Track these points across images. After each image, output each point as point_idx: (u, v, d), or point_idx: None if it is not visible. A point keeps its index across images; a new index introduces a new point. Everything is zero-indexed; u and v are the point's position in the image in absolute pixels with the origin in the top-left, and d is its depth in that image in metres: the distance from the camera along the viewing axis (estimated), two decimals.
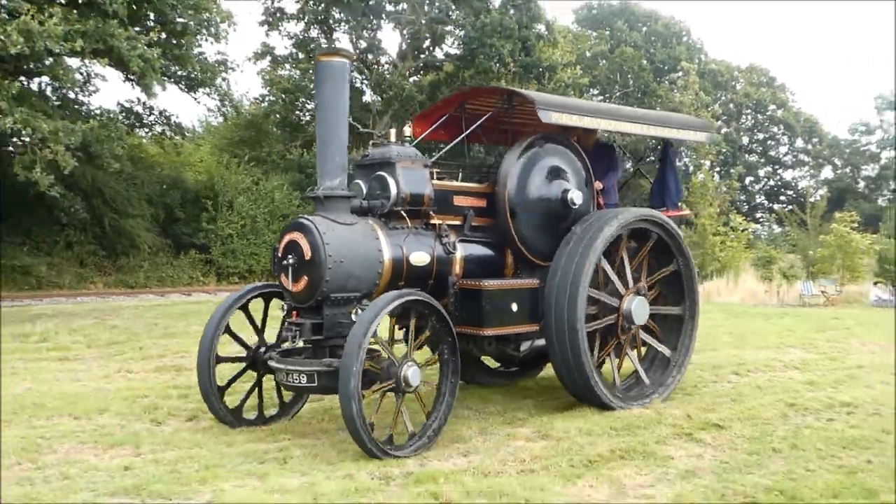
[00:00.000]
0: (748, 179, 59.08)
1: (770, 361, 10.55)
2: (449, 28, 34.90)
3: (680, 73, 47.21)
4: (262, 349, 7.03)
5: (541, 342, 7.53)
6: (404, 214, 6.87)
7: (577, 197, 7.49)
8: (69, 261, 24.59)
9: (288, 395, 7.33)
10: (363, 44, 35.39)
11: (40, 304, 19.05)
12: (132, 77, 20.86)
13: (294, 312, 6.52)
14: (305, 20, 34.05)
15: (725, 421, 6.94)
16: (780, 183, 61.54)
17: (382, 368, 6.02)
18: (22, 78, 18.87)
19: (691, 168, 47.94)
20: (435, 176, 7.24)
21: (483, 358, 8.71)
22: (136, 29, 19.54)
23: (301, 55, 34.23)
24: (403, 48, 35.69)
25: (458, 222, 7.33)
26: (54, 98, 21.81)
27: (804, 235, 32.00)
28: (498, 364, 9.26)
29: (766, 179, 61.77)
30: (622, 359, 7.94)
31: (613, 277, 7.59)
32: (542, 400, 8.06)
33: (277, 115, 34.07)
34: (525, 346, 7.58)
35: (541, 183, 7.49)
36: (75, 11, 17.36)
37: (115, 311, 16.53)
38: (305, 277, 6.29)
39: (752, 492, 4.99)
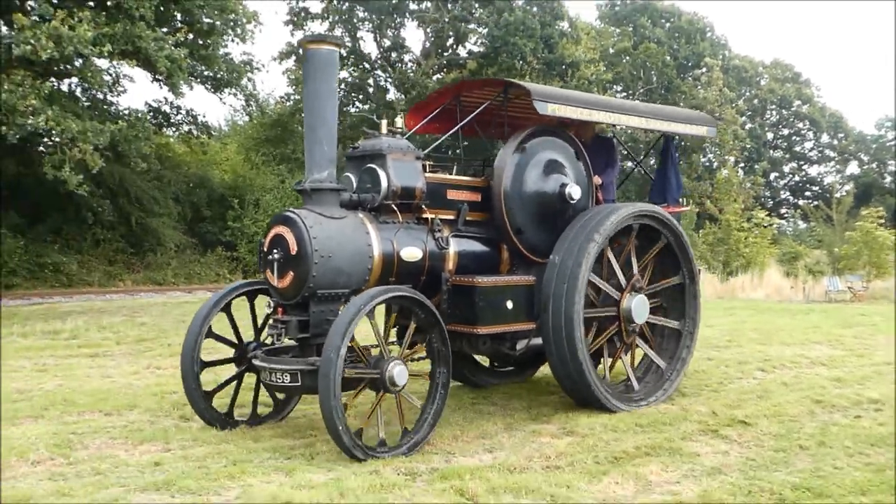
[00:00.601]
0: (773, 175, 58.53)
1: (796, 358, 10.45)
2: (472, 26, 34.87)
3: (704, 70, 46.83)
4: (252, 348, 6.73)
5: (537, 341, 7.21)
6: (395, 208, 6.56)
7: (575, 191, 7.18)
8: (98, 258, 24.87)
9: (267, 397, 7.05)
10: (387, 42, 35.47)
11: (70, 301, 19.27)
12: (160, 77, 21.05)
13: (280, 309, 6.25)
14: (330, 20, 34.21)
15: (751, 418, 6.88)
16: (805, 178, 60.91)
17: (368, 363, 5.83)
18: (52, 79, 19.10)
19: (715, 164, 47.73)
20: (428, 168, 6.97)
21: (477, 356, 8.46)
22: (164, 30, 19.71)
23: None
24: (427, 46, 35.72)
25: (451, 217, 7.02)
26: (84, 99, 22.06)
27: (830, 231, 31.70)
28: (494, 364, 8.95)
29: (791, 175, 61.17)
30: (616, 359, 7.71)
31: (617, 269, 7.35)
32: (566, 396, 8.01)
33: (303, 114, 34.20)
34: (521, 345, 7.25)
35: (537, 177, 7.19)
36: (104, 14, 17.54)
37: (144, 308, 16.70)
38: (291, 273, 6.02)
39: (779, 489, 4.93)
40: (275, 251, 6.06)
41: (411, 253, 6.55)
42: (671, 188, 8.70)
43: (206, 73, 22.98)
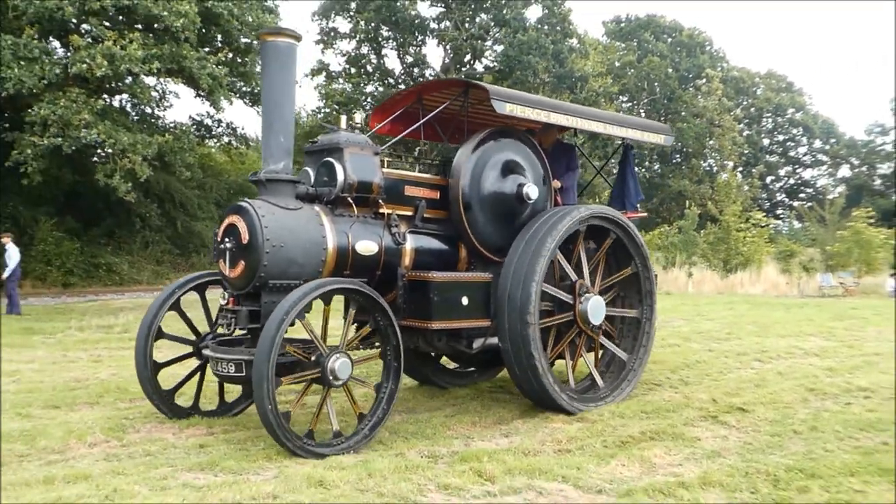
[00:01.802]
0: (769, 178, 58.13)
1: (791, 349, 10.38)
2: (488, 44, 34.88)
3: (704, 80, 46.58)
4: (207, 340, 6.38)
5: (494, 340, 6.71)
6: (351, 201, 6.08)
7: (532, 191, 6.73)
8: (147, 259, 25.14)
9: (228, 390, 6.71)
10: (409, 59, 35.53)
11: (122, 298, 19.49)
12: (202, 93, 21.27)
13: (231, 300, 5.83)
14: (357, 38, 34.32)
15: (749, 405, 6.85)
16: (799, 181, 60.46)
17: (310, 359, 5.42)
18: (104, 95, 19.34)
19: (715, 168, 47.46)
20: (386, 164, 6.54)
21: (443, 359, 8.11)
22: (206, 50, 19.93)
23: (353, 70, 34.50)
24: (446, 62, 35.72)
25: (409, 213, 6.54)
26: (133, 113, 22.29)
27: (823, 230, 31.48)
28: (456, 365, 8.47)
29: (786, 178, 60.72)
30: (577, 360, 7.16)
31: (570, 272, 6.88)
32: (576, 385, 8.02)
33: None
34: (478, 343, 6.75)
35: (496, 176, 6.75)
36: (152, 36, 17.76)
37: (190, 304, 16.80)
38: (242, 262, 5.58)
39: (773, 470, 4.91)
40: (227, 240, 5.64)
41: (366, 246, 6.10)
42: (630, 195, 8.20)
43: (244, 88, 23.19)
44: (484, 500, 4.43)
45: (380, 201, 6.27)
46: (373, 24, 33.60)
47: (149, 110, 23.61)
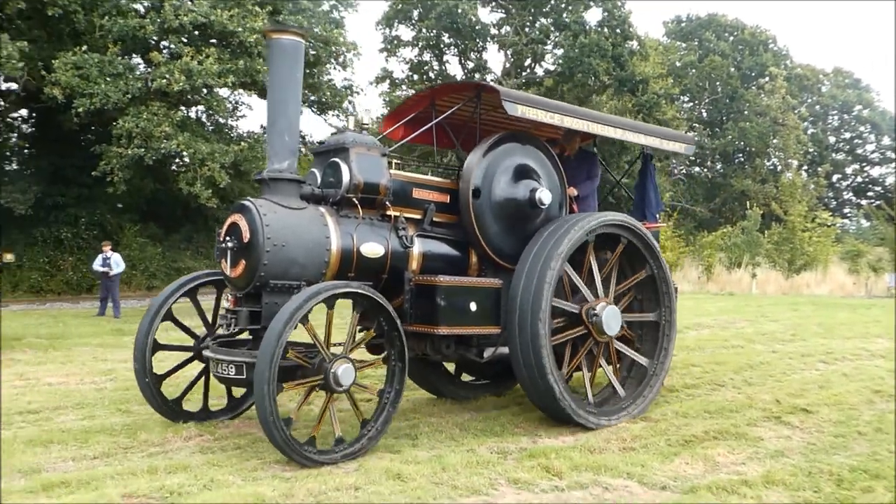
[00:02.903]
0: (836, 177, 56.40)
1: (857, 350, 10.23)
2: (548, 47, 34.84)
3: (767, 79, 45.51)
4: (206, 341, 6.19)
5: (506, 350, 6.36)
6: (356, 202, 5.82)
7: (545, 196, 6.38)
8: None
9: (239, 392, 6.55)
10: (471, 64, 35.74)
11: (204, 299, 20.10)
12: None
13: (233, 300, 5.66)
14: (419, 46, 34.72)
15: (813, 406, 6.84)
16: (867, 179, 58.46)
17: (313, 364, 5.19)
18: (182, 108, 20.10)
19: (779, 168, 46.35)
20: (394, 166, 6.32)
21: (453, 370, 7.79)
22: None
23: (416, 77, 34.91)
24: (507, 67, 35.83)
25: (417, 216, 6.26)
26: (209, 124, 23.06)
27: (891, 229, 30.45)
28: (472, 378, 8.02)
29: (853, 176, 58.81)
30: (594, 371, 6.76)
31: (581, 286, 6.50)
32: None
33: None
34: (489, 352, 6.41)
35: (507, 180, 6.42)
36: (227, 51, 18.41)
37: (185, 311, 17.26)
38: (243, 261, 5.39)
39: (837, 471, 4.94)
40: (228, 239, 5.47)
41: (372, 249, 5.84)
42: (651, 205, 7.90)
43: (312, 97, 23.74)
44: (552, 494, 4.57)
45: (387, 203, 6.02)
46: (434, 32, 33.94)
47: (222, 121, 24.35)
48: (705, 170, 48.56)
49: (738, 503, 4.42)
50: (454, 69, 37.10)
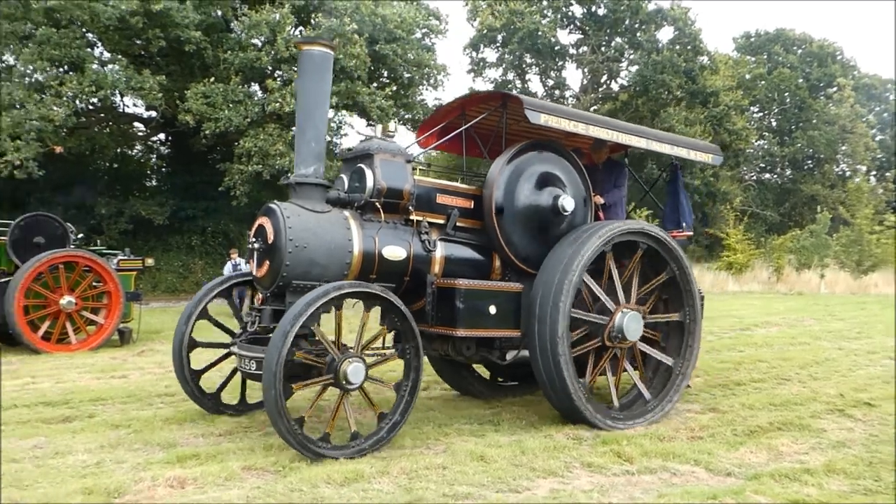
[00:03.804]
0: None
1: None
2: (623, 65, 34.32)
3: (835, 89, 43.42)
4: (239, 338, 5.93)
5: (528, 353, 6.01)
6: (379, 206, 5.57)
7: (568, 203, 6.03)
8: None
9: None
10: (550, 82, 35.56)
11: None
12: (372, 123, 22.34)
13: (261, 299, 5.56)
14: (503, 66, 34.79)
15: (876, 400, 6.54)
16: None
17: (325, 363, 4.94)
18: (293, 128, 20.80)
19: (848, 173, 44.14)
20: (418, 172, 6.10)
21: (480, 369, 7.42)
22: (374, 85, 20.95)
23: None
24: (584, 83, 35.46)
25: (440, 221, 5.97)
26: None
27: None
28: (500, 379, 7.58)
29: None
30: (619, 375, 6.28)
31: (601, 295, 6.05)
32: (708, 378, 7.91)
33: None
34: (511, 354, 6.10)
35: (531, 187, 6.05)
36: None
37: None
38: (268, 262, 5.24)
39: None
40: (255, 241, 5.36)
41: (394, 252, 5.58)
42: (684, 214, 7.38)
43: (406, 116, 24.12)
44: (623, 477, 4.54)
45: (410, 208, 5.75)
46: (517, 53, 33.95)
47: (328, 139, 25.02)
48: (775, 176, 46.69)
49: (799, 490, 4.29)
50: (535, 86, 37.02)
